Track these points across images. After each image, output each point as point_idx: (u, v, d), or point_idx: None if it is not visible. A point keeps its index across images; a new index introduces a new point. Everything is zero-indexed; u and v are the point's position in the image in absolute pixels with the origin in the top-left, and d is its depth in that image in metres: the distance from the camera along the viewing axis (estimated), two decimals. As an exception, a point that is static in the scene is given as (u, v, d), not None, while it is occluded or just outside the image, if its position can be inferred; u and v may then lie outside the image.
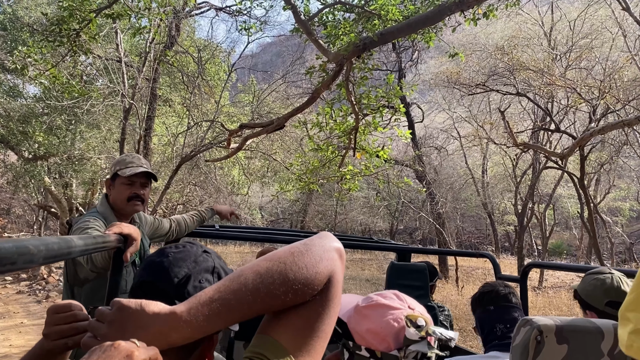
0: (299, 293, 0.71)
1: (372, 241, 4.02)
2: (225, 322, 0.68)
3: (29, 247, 0.53)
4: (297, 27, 6.23)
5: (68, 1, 6.68)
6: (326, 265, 0.73)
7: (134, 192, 2.31)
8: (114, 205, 2.33)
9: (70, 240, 0.72)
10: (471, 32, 16.01)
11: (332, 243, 0.78)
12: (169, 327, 0.66)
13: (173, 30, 14.18)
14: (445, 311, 3.43)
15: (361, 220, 28.59)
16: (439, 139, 22.61)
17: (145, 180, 2.38)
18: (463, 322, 8.97)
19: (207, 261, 0.87)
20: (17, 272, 12.31)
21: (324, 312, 0.75)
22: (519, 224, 17.03)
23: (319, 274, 0.72)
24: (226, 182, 19.13)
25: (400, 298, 1.13)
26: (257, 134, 7.04)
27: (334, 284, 0.75)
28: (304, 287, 0.71)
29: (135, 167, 2.31)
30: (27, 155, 18.20)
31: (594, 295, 1.79)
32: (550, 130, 14.22)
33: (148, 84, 13.80)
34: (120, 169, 2.31)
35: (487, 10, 5.19)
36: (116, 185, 2.32)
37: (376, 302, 1.10)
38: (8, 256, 0.47)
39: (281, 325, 0.73)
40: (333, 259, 0.75)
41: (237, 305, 0.68)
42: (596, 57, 13.29)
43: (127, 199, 2.30)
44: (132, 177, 2.30)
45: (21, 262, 0.50)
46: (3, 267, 0.47)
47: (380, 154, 7.76)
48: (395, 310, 1.07)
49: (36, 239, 0.58)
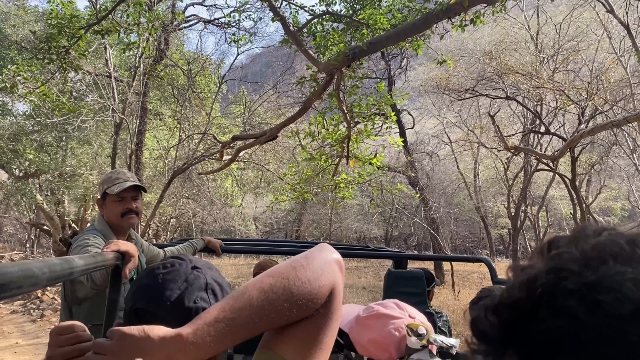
0: (303, 308, 0.71)
1: (368, 249, 4.03)
2: (232, 341, 0.68)
3: (34, 270, 0.53)
4: (287, 38, 6.27)
5: (57, 19, 6.69)
6: (328, 278, 0.74)
7: (127, 207, 2.33)
8: (109, 222, 2.34)
9: (72, 261, 0.72)
10: (459, 38, 16.14)
11: (332, 255, 0.78)
12: (176, 350, 0.66)
13: (162, 44, 14.19)
14: (444, 317, 3.43)
15: (356, 228, 28.59)
16: (430, 145, 22.72)
17: (135, 193, 2.38)
18: (461, 327, 8.96)
19: (198, 278, 0.86)
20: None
21: (326, 325, 0.75)
22: (512, 227, 17.10)
23: (321, 287, 0.72)
24: (219, 194, 19.10)
25: (401, 307, 1.13)
26: (249, 145, 7.05)
27: (336, 296, 0.75)
28: (307, 302, 0.71)
29: (122, 183, 2.32)
30: (18, 173, 18.09)
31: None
32: (540, 132, 14.34)
33: (138, 98, 13.78)
34: (109, 187, 2.32)
35: (474, 17, 5.25)
36: (107, 203, 2.34)
37: (377, 312, 1.11)
38: (15, 280, 0.48)
39: (284, 340, 0.74)
40: (334, 271, 0.76)
41: (243, 324, 0.68)
42: (583, 60, 13.45)
43: (120, 215, 2.32)
44: (121, 193, 2.31)
45: (27, 285, 0.51)
46: (10, 291, 0.47)
47: (373, 161, 7.80)
48: (396, 319, 1.08)
49: (39, 261, 0.58)
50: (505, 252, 26.80)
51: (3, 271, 0.46)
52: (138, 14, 7.22)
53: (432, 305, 3.68)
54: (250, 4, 13.00)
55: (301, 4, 6.76)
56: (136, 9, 7.20)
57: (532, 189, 19.36)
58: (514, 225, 16.78)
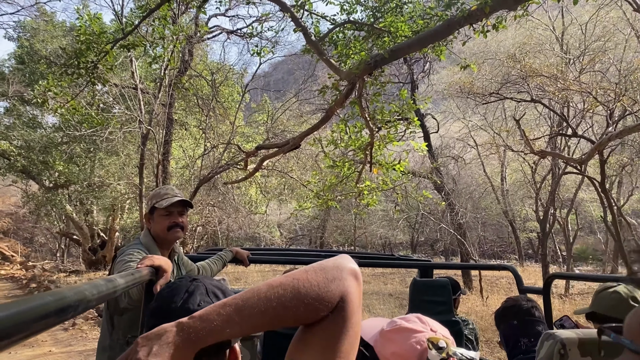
0: (310, 308, 0.74)
1: (393, 258, 4.03)
2: (240, 327, 0.73)
3: (85, 293, 0.58)
4: (308, 48, 6.33)
5: (85, 35, 6.88)
6: (338, 284, 0.77)
7: (173, 221, 2.42)
8: (155, 236, 2.43)
9: (114, 280, 0.77)
10: (482, 41, 15.98)
11: (347, 264, 0.81)
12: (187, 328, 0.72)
13: (186, 56, 14.44)
14: (470, 325, 3.42)
15: (381, 234, 28.45)
16: (456, 149, 22.51)
17: (182, 208, 2.49)
18: (490, 334, 8.85)
19: (198, 287, 0.93)
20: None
21: (342, 332, 0.77)
22: (541, 231, 16.81)
23: (330, 291, 0.76)
24: (244, 202, 19.27)
25: (423, 321, 1.17)
26: (273, 155, 7.12)
27: (348, 303, 0.78)
28: (314, 302, 0.74)
29: (170, 198, 2.43)
30: (48, 184, 18.58)
31: (620, 309, 1.77)
32: (568, 135, 14.09)
33: (164, 109, 14.04)
34: (157, 202, 2.42)
35: (496, 22, 5.22)
36: (155, 217, 2.43)
37: (400, 326, 1.15)
38: (72, 304, 0.53)
39: (303, 349, 0.78)
40: (346, 279, 0.78)
41: (249, 311, 0.73)
42: (610, 60, 13.19)
43: (167, 229, 2.40)
44: (169, 207, 2.41)
45: (81, 307, 0.56)
46: (68, 314, 0.52)
47: (397, 167, 7.78)
48: (418, 333, 1.12)
49: (88, 284, 0.63)
50: (535, 257, 26.33)
51: (61, 296, 0.51)
52: (163, 27, 7.39)
53: (460, 312, 3.66)
54: (272, 14, 13.15)
55: (322, 14, 6.82)
56: (161, 22, 7.37)
57: (561, 192, 19.01)
58: (542, 229, 16.49)
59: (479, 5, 4.61)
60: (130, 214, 20.07)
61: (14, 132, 16.96)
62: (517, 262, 22.94)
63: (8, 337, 0.41)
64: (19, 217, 29.82)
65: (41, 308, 0.47)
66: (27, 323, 0.44)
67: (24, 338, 0.45)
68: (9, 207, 32.35)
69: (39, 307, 0.47)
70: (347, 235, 28.47)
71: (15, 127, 17.31)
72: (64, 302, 0.52)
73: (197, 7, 10.07)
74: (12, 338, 0.42)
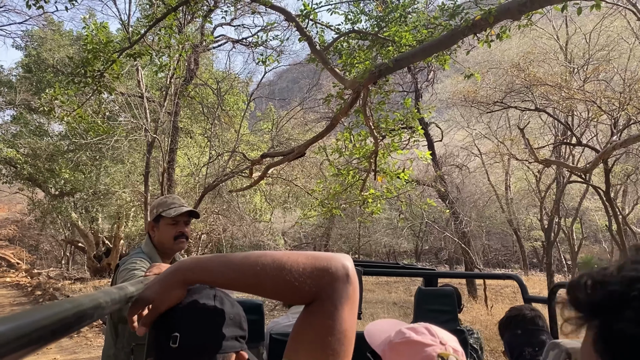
0: (288, 285, 0.78)
1: (398, 266, 4.04)
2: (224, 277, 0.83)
3: (100, 301, 0.60)
4: (313, 57, 6.37)
5: (92, 44, 6.95)
6: (324, 275, 0.79)
7: (180, 231, 2.43)
8: (158, 245, 2.44)
9: (126, 288, 0.79)
10: (486, 50, 15.97)
11: (341, 261, 0.83)
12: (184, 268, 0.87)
13: (192, 64, 14.53)
14: (475, 334, 3.41)
15: (385, 242, 28.38)
16: (460, 157, 22.51)
17: (188, 218, 2.50)
18: (494, 343, 8.79)
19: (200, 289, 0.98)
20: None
21: (331, 326, 0.78)
22: (546, 240, 16.74)
23: (312, 277, 0.79)
24: (249, 210, 19.29)
25: (432, 333, 1.15)
26: (278, 163, 7.14)
27: (331, 296, 0.79)
28: (294, 280, 0.78)
29: (178, 207, 2.43)
30: (54, 192, 18.65)
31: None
32: (572, 144, 14.08)
33: (170, 117, 14.11)
34: (164, 210, 2.42)
35: (500, 32, 5.25)
36: (161, 226, 2.43)
37: (409, 338, 1.13)
38: (88, 312, 0.55)
39: (296, 347, 0.80)
40: (334, 273, 0.80)
41: (233, 260, 0.83)
42: (614, 69, 13.19)
43: (173, 238, 2.41)
44: (177, 217, 2.41)
45: (97, 315, 0.58)
46: (84, 322, 0.54)
47: (401, 176, 7.79)
48: (428, 347, 1.10)
49: (102, 292, 0.65)
50: (539, 266, 26.18)
51: (78, 304, 0.53)
52: (169, 36, 7.46)
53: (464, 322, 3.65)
54: (277, 23, 13.24)
55: (327, 23, 6.88)
56: (167, 32, 7.44)
57: (566, 201, 18.97)
58: (547, 238, 16.43)
59: (483, 15, 4.64)
60: (135, 222, 20.11)
61: (21, 140, 17.07)
62: (522, 271, 22.82)
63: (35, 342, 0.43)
64: (25, 224, 29.93)
65: (61, 315, 0.49)
66: (50, 330, 0.46)
67: (46, 344, 0.46)
68: (15, 215, 32.48)
69: (60, 314, 0.49)
70: (351, 243, 28.40)
71: (22, 135, 17.43)
72: (81, 310, 0.53)
73: (202, 17, 10.17)
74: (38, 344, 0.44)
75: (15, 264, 22.27)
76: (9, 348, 0.39)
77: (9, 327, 0.40)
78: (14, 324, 0.41)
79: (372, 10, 7.08)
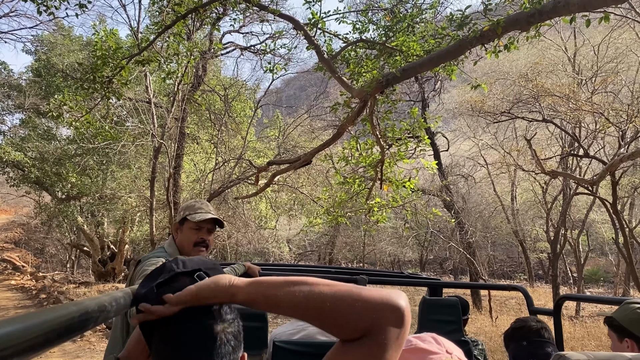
0: (339, 322, 0.77)
1: (402, 276, 4.03)
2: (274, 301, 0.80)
3: (105, 305, 0.60)
4: (321, 66, 6.39)
5: (101, 50, 7.00)
6: (375, 315, 0.76)
7: (201, 237, 2.41)
8: (180, 247, 2.42)
9: (132, 293, 0.79)
10: (494, 61, 15.93)
11: (396, 300, 0.79)
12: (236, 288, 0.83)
13: (200, 71, 14.62)
14: (479, 345, 3.39)
15: (390, 251, 28.27)
16: (466, 167, 22.45)
17: (212, 226, 2.46)
18: (499, 355, 8.73)
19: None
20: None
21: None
22: (552, 251, 16.64)
23: (363, 316, 0.76)
24: (254, 217, 19.29)
25: (439, 342, 1.14)
26: (284, 171, 7.15)
27: (381, 336, 0.76)
28: (349, 314, 0.76)
29: (204, 213, 2.40)
30: (61, 196, 18.72)
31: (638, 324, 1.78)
32: (579, 155, 14.03)
33: (177, 123, 14.17)
34: (190, 214, 2.40)
35: (508, 42, 5.25)
36: (184, 229, 2.41)
37: (415, 346, 1.12)
38: (93, 315, 0.55)
39: None
40: (386, 311, 0.77)
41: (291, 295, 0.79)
42: (622, 81, 13.17)
43: (193, 244, 2.40)
44: (200, 222, 2.39)
45: (102, 318, 0.58)
46: (90, 324, 0.54)
47: (407, 185, 7.78)
48: (434, 355, 1.09)
49: (107, 296, 0.65)
50: (545, 278, 26.01)
51: (84, 307, 0.53)
52: (177, 43, 7.50)
53: (469, 332, 3.63)
54: (285, 31, 13.31)
55: (335, 32, 6.90)
56: (176, 39, 7.49)
57: (572, 213, 18.84)
58: (553, 249, 16.33)
59: (491, 26, 4.65)
60: (141, 227, 20.15)
61: (29, 144, 17.18)
62: (527, 283, 22.69)
63: (40, 344, 0.43)
64: (31, 227, 30.08)
65: (66, 317, 0.49)
66: (54, 332, 0.46)
67: (51, 346, 0.47)
68: (21, 218, 32.66)
69: (65, 317, 0.49)
70: (356, 252, 28.32)
71: (30, 139, 17.54)
72: (86, 313, 0.54)
73: (211, 25, 10.23)
74: (43, 346, 0.44)
75: (20, 266, 22.37)
76: (16, 349, 0.40)
77: (16, 329, 0.41)
78: (20, 325, 0.42)
79: (380, 20, 7.11)
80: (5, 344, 0.39)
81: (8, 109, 19.29)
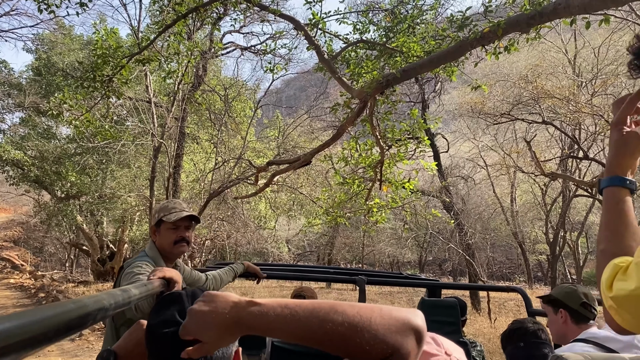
0: (358, 349, 0.74)
1: (401, 277, 4.03)
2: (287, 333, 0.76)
3: (103, 302, 0.60)
4: (321, 66, 6.40)
5: (102, 49, 7.01)
6: (397, 338, 0.75)
7: (180, 236, 2.43)
8: (161, 249, 2.44)
9: (129, 290, 0.79)
10: (494, 62, 15.94)
11: (415, 321, 0.78)
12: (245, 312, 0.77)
13: (200, 71, 14.61)
14: (478, 347, 3.39)
15: (389, 252, 28.28)
16: (465, 169, 22.47)
17: (189, 223, 2.49)
18: (497, 356, 8.73)
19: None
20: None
21: None
22: (551, 253, 16.67)
23: (384, 342, 0.74)
24: (253, 217, 19.29)
25: (438, 343, 1.13)
26: (284, 171, 7.15)
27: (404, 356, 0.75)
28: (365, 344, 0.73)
29: (179, 212, 2.43)
30: (60, 195, 18.72)
31: (571, 297, 1.97)
32: (579, 157, 14.04)
33: (177, 122, 14.16)
34: (165, 215, 2.43)
35: (509, 44, 5.25)
36: (162, 231, 2.44)
37: None
38: (91, 312, 0.55)
39: None
40: (407, 335, 0.76)
41: (303, 323, 0.75)
42: (622, 83, 13.18)
43: (173, 243, 2.42)
44: (177, 221, 2.42)
45: (100, 316, 0.58)
46: (88, 322, 0.54)
47: (407, 185, 7.78)
48: (433, 356, 1.08)
49: (105, 294, 0.65)
50: (544, 279, 26.03)
51: (82, 304, 0.53)
52: (178, 43, 7.50)
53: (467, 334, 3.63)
54: (286, 32, 13.30)
55: (335, 33, 6.91)
56: (176, 38, 7.49)
57: (572, 215, 18.87)
58: (552, 251, 16.35)
59: (492, 28, 4.65)
60: (140, 226, 20.15)
61: (29, 142, 17.17)
62: (526, 285, 22.69)
63: (38, 341, 0.43)
64: (30, 226, 30.07)
65: (65, 315, 0.49)
66: (52, 329, 0.47)
67: (49, 343, 0.47)
68: (20, 217, 32.66)
69: (63, 314, 0.49)
70: (355, 252, 28.35)
71: (30, 138, 17.53)
72: (84, 310, 0.54)
73: (212, 24, 10.23)
74: (40, 343, 0.44)
75: (19, 265, 22.37)
76: (13, 346, 0.40)
77: (14, 325, 0.41)
78: (19, 322, 0.42)
79: (381, 21, 7.12)
80: (4, 340, 0.39)
81: (8, 108, 19.29)
